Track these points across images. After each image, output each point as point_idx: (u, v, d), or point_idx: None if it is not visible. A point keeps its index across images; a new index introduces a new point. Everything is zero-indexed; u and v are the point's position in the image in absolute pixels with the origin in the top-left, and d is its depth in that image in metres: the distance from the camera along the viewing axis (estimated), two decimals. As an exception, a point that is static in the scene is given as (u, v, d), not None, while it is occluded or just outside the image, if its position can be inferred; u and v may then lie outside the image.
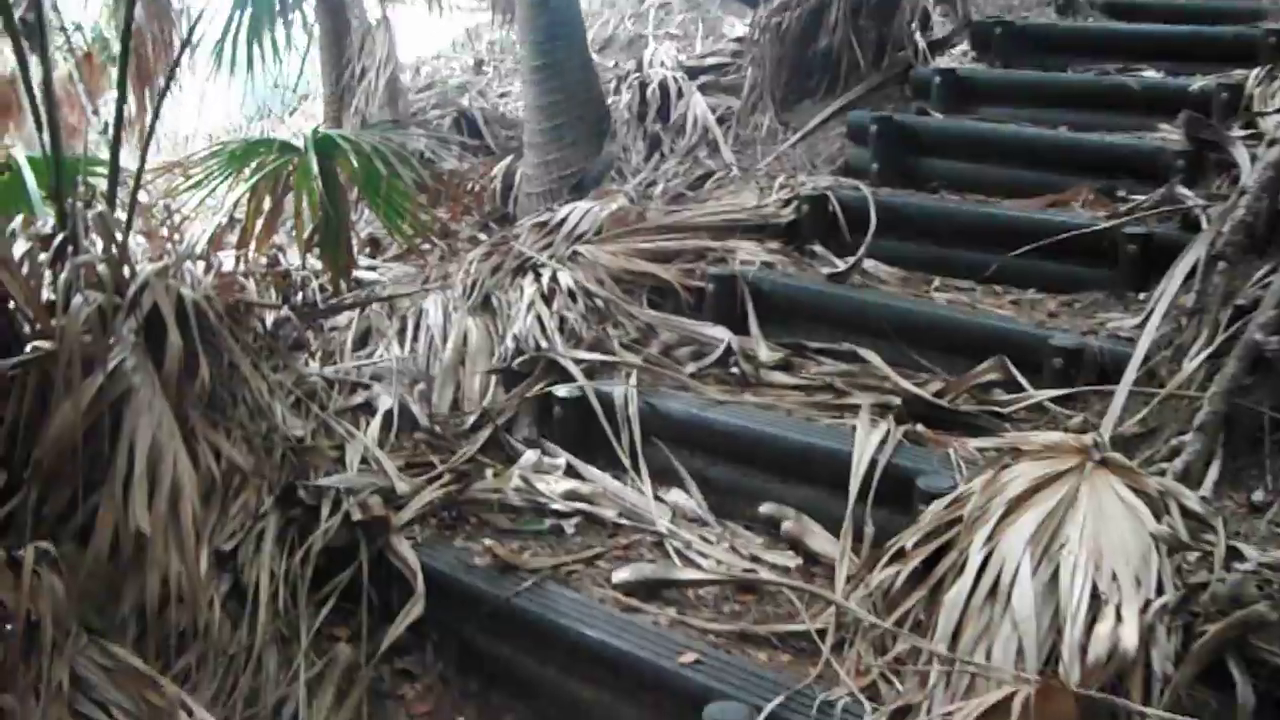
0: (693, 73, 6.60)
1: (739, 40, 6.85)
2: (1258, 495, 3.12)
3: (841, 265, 4.34)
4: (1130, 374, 3.34)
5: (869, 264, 4.40)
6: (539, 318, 4.08)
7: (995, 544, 2.73)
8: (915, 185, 4.93)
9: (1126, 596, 2.60)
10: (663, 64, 6.65)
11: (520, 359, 3.95)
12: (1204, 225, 3.85)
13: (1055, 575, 2.65)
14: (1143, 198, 4.25)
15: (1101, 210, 4.29)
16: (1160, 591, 2.66)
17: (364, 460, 3.53)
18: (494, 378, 4.02)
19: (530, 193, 6.01)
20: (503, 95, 7.86)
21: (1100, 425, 3.32)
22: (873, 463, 3.16)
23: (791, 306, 4.21)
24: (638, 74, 6.51)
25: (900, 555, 2.82)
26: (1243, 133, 4.37)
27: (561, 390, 3.75)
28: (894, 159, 4.98)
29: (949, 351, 3.86)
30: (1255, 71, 4.73)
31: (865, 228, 4.45)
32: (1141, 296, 3.96)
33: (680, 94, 6.18)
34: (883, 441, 3.22)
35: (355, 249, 6.07)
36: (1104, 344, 3.58)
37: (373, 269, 5.84)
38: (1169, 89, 4.87)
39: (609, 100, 6.24)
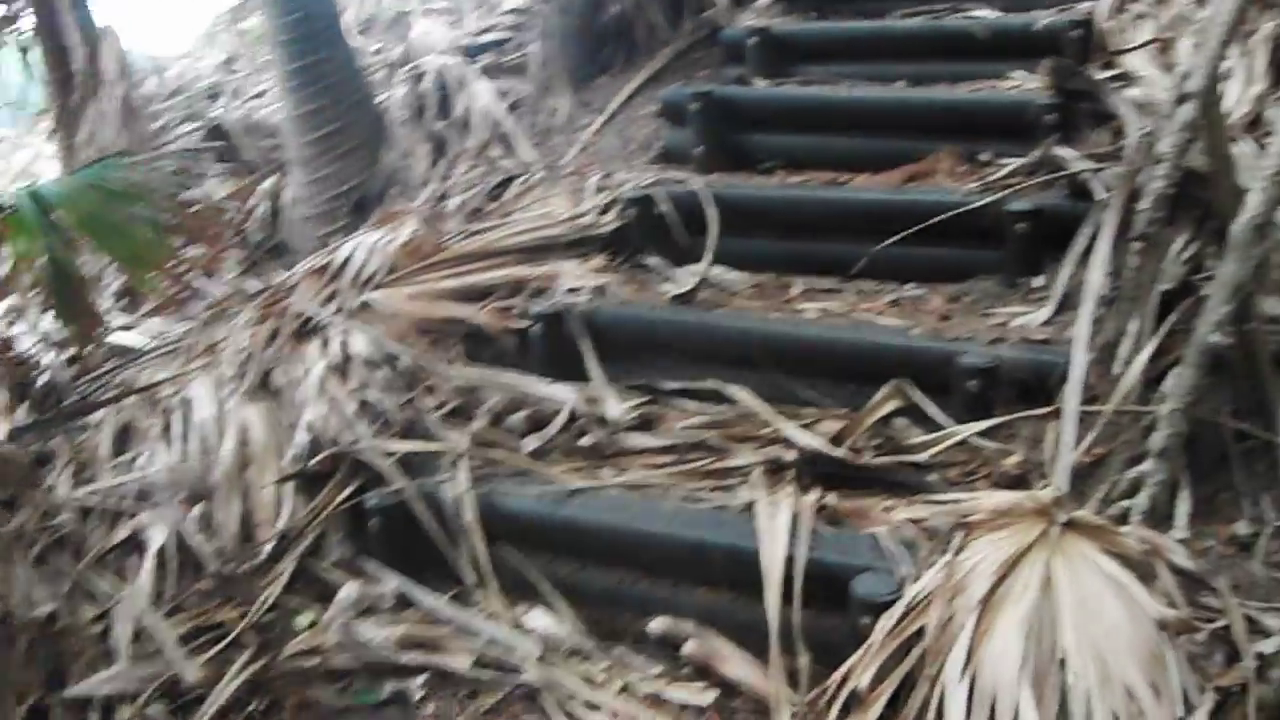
0: (470, 53, 5.75)
1: (517, 10, 6.03)
2: (1240, 527, 2.62)
3: (684, 281, 3.67)
4: (1073, 398, 2.79)
5: (716, 271, 3.74)
6: (333, 400, 3.27)
7: (976, 671, 2.12)
8: (748, 167, 4.28)
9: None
10: (435, 47, 5.80)
11: (317, 458, 3.15)
12: (1096, 193, 3.33)
13: (1063, 706, 2.07)
14: (1014, 161, 3.70)
15: (971, 181, 3.72)
16: (1186, 702, 2.11)
17: (137, 634, 2.70)
18: (289, 485, 3.19)
19: (303, 216, 5.12)
20: (259, 95, 6.81)
21: (1044, 464, 2.76)
22: (788, 559, 2.51)
23: (635, 340, 3.52)
24: (408, 63, 5.63)
25: (856, 701, 2.18)
26: (1103, 74, 3.87)
27: (375, 498, 2.97)
28: (720, 139, 4.31)
29: (834, 378, 3.25)
30: (1103, 2, 4.23)
31: (702, 227, 3.79)
32: (1036, 282, 3.42)
33: (461, 82, 5.34)
34: (793, 529, 2.57)
35: (103, 305, 5.13)
36: (1018, 354, 3.02)
37: (129, 328, 4.89)
38: (1012, 29, 4.34)
39: (380, 98, 5.35)
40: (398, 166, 5.03)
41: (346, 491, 3.08)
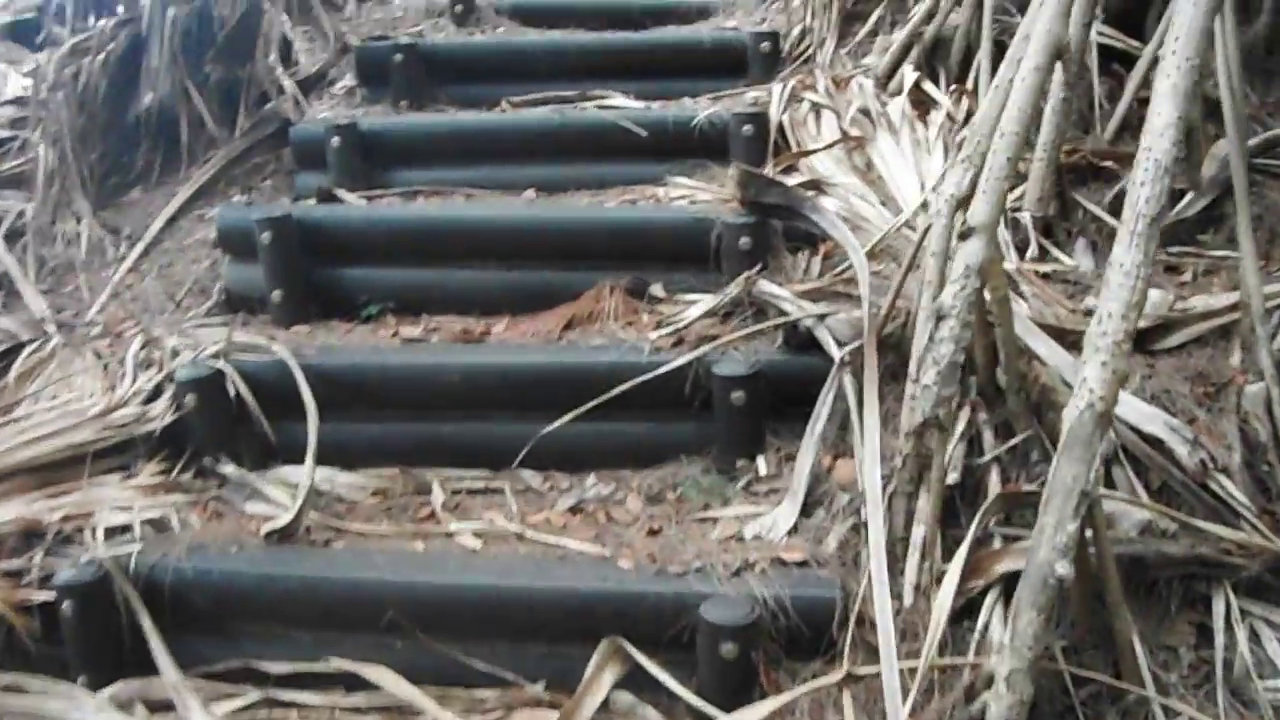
0: (-52, 156, 4.28)
1: (18, 101, 4.58)
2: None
3: (279, 499, 2.55)
4: (890, 660, 1.92)
5: (324, 477, 2.64)
6: None
7: None
8: (345, 314, 3.20)
9: None
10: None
11: None
12: (826, 344, 2.55)
13: None
14: (701, 299, 2.89)
15: (650, 328, 2.85)
16: None
17: None
18: None
19: None
20: None
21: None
22: None
23: (221, 603, 2.36)
24: None
25: None
26: (789, 180, 3.14)
27: None
28: (304, 278, 3.20)
29: (518, 638, 2.24)
30: (775, 91, 3.53)
31: (295, 411, 2.68)
32: (762, 466, 2.58)
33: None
34: None
35: None
36: (777, 590, 2.14)
37: None
38: (669, 125, 3.53)
39: None
40: None
41: None
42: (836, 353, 2.49)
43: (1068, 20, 2.33)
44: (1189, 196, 3.06)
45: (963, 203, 2.25)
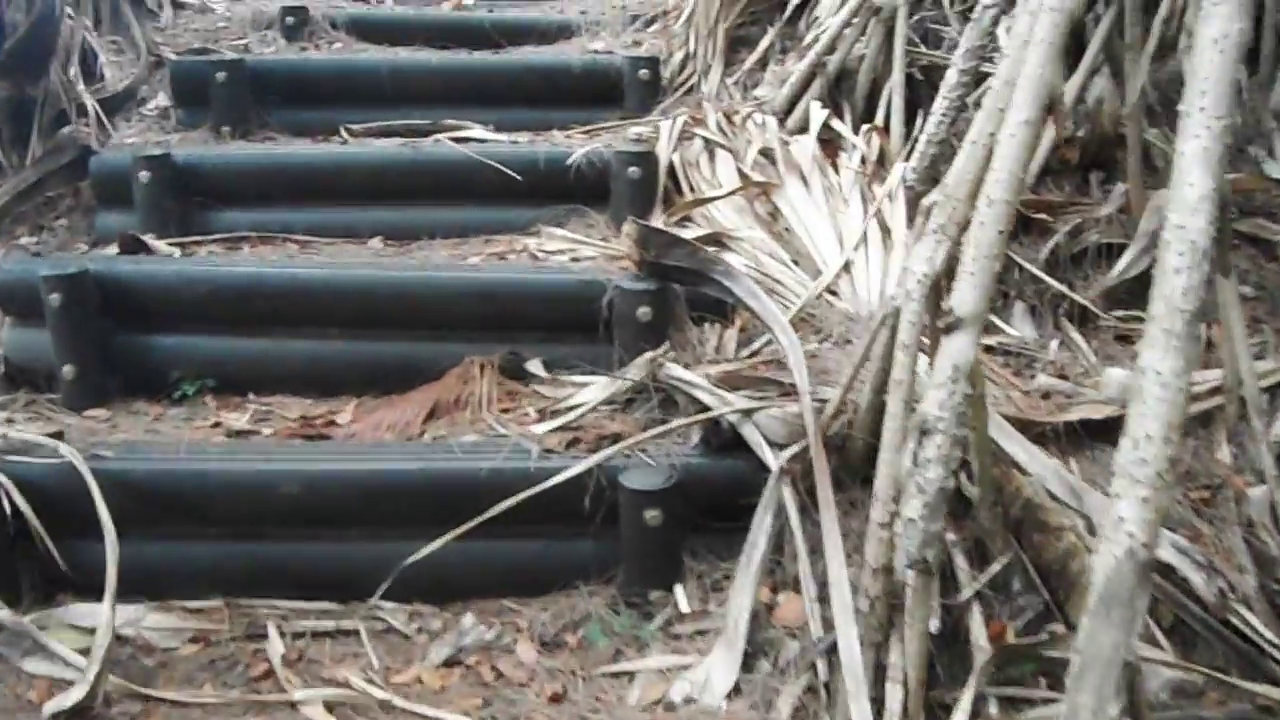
0: None
1: None
2: None
3: (75, 669, 1.97)
4: None
5: (128, 614, 2.07)
6: None
7: None
8: (155, 393, 2.62)
9: None
10: None
11: None
12: (754, 445, 2.10)
13: None
14: (590, 382, 2.41)
15: (532, 419, 2.36)
16: None
17: None
18: None
19: None
20: None
21: None
22: None
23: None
24: None
25: None
26: (689, 233, 2.69)
27: None
28: (96, 349, 2.60)
29: None
30: (664, 128, 3.07)
31: (95, 527, 2.09)
32: (681, 601, 2.11)
33: None
34: None
35: None
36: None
37: None
38: (538, 163, 3.03)
39: None
40: None
41: None
42: (772, 459, 2.04)
43: (1061, 65, 1.93)
44: (1131, 250, 2.73)
45: (935, 285, 1.83)
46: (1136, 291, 2.68)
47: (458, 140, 3.23)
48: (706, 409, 2.17)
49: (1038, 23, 1.81)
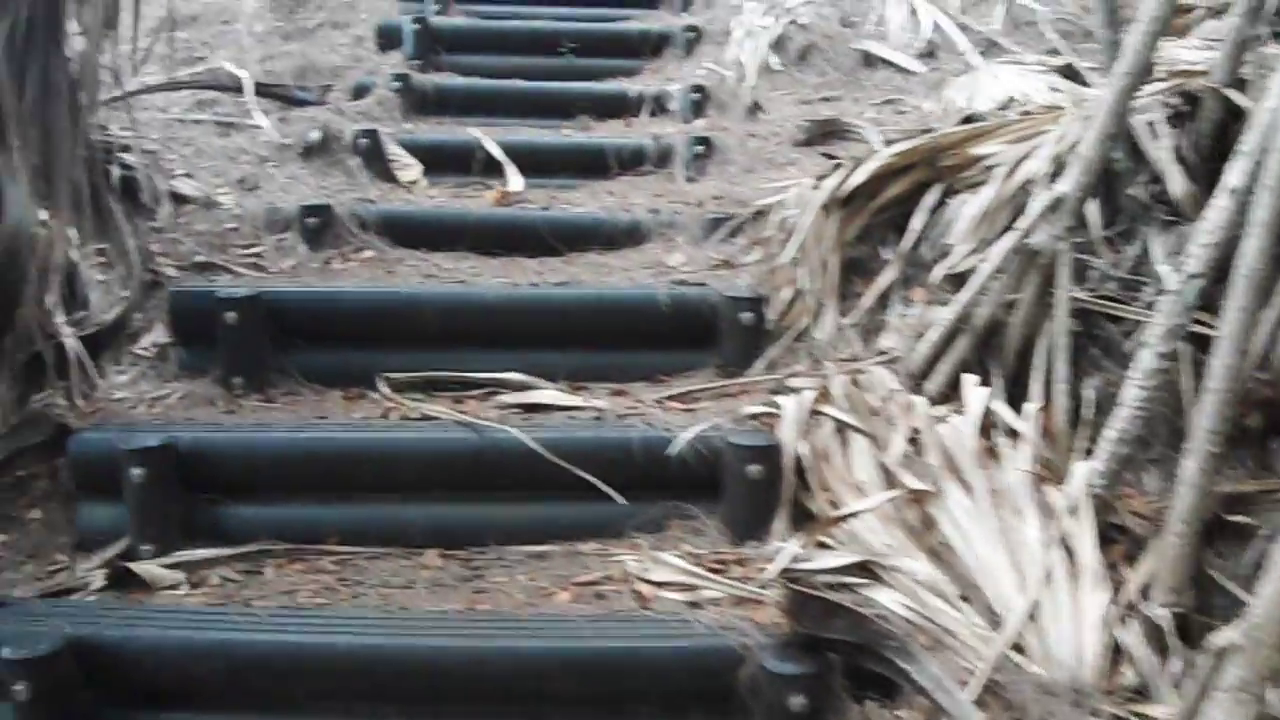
0: None
1: None
2: None
3: None
4: None
5: None
6: None
7: None
8: None
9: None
10: None
11: None
12: None
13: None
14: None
15: None
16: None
17: None
18: None
19: None
20: None
21: None
22: None
23: None
24: None
25: None
26: (833, 560, 2.10)
27: None
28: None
29: None
30: (788, 408, 2.47)
31: None
32: None
33: None
34: None
35: None
36: None
37: None
38: (633, 450, 2.45)
39: None
40: None
41: None
42: None
43: None
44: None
45: None
46: None
47: (526, 406, 2.67)
48: None
49: None
